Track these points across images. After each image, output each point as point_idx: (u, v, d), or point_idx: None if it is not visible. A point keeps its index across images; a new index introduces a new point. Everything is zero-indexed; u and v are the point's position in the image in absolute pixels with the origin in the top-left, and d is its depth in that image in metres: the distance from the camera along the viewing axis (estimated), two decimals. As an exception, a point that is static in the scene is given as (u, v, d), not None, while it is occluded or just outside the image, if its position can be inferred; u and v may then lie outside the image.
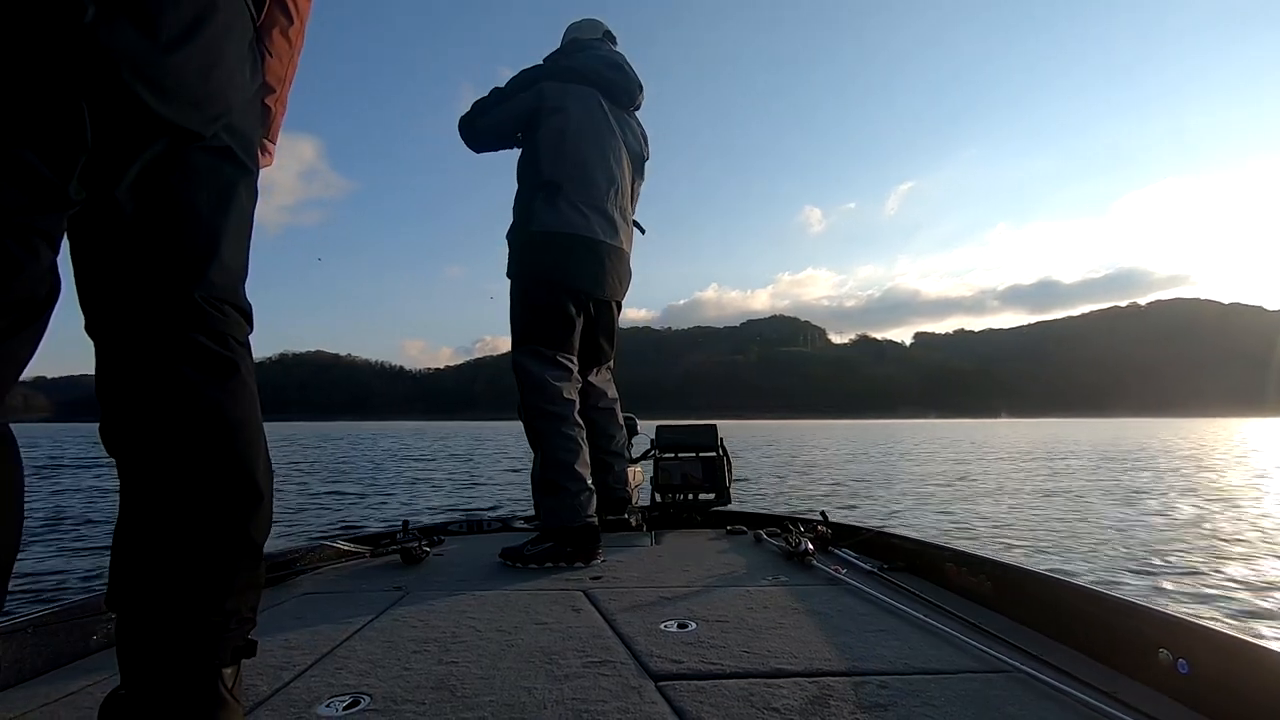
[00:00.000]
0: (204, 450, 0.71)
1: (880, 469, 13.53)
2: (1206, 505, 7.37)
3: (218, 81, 0.72)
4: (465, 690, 0.95)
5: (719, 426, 2.65)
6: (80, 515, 6.57)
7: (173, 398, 0.71)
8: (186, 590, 0.70)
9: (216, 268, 0.75)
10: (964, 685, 0.94)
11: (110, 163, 0.66)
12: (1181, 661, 0.90)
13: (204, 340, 0.73)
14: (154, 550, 0.70)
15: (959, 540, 4.51)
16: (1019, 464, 14.70)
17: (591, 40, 2.28)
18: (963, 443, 28.82)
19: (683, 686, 0.95)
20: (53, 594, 3.56)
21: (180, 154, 0.72)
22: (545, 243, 2.01)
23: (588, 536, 1.86)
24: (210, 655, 0.70)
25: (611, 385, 2.34)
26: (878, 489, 9.52)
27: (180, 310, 0.72)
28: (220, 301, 0.76)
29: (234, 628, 0.73)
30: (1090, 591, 1.13)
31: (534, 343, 2.00)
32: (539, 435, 1.96)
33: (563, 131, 2.05)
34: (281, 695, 0.94)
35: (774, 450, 22.46)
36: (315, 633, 1.23)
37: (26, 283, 0.58)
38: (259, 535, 0.76)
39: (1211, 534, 5.45)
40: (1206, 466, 13.74)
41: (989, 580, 1.39)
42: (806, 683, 0.95)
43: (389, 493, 9.36)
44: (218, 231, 0.76)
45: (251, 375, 0.78)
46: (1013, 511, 6.93)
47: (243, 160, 0.79)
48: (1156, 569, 4.14)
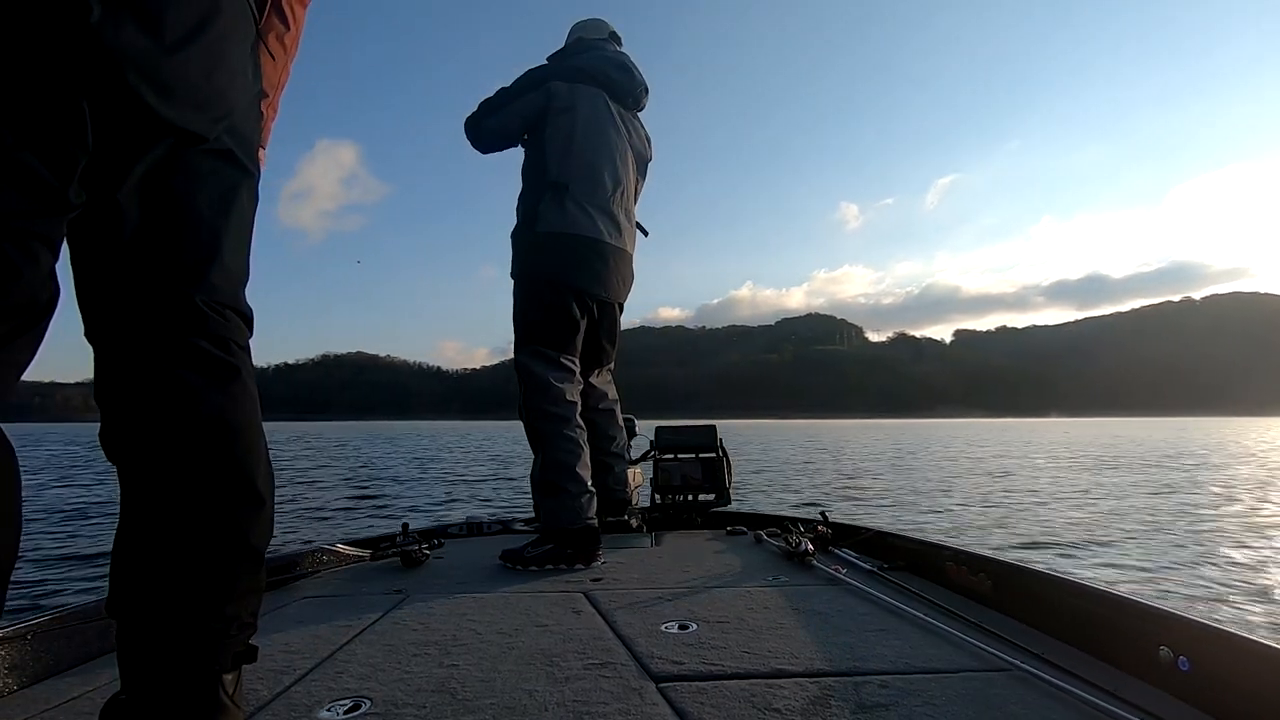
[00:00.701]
0: (205, 456, 0.71)
1: (936, 471, 12.70)
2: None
3: (220, 83, 0.72)
4: (466, 693, 0.94)
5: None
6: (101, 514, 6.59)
7: (174, 403, 0.70)
8: (187, 596, 0.69)
9: (218, 271, 0.75)
10: (965, 685, 0.94)
11: (112, 165, 0.66)
12: (1182, 659, 0.90)
13: (205, 345, 0.73)
14: (154, 556, 0.70)
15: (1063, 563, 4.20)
16: (1099, 470, 13.03)
17: (597, 40, 2.28)
18: (1016, 442, 27.79)
19: (683, 688, 0.95)
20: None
21: (183, 156, 0.72)
22: (552, 244, 2.01)
23: (588, 538, 1.85)
24: (211, 661, 0.70)
25: (612, 387, 2.34)
26: (940, 496, 8.65)
27: (181, 314, 0.72)
28: (221, 306, 0.76)
29: (235, 633, 0.73)
30: (1091, 590, 1.13)
31: (538, 344, 2.00)
32: (541, 436, 1.96)
33: (571, 132, 2.04)
34: (282, 699, 0.94)
35: (812, 450, 22.12)
36: (315, 636, 1.23)
37: (25, 289, 0.58)
38: (260, 541, 0.76)
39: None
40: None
41: (989, 579, 1.39)
42: (807, 683, 0.95)
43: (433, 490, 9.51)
44: (219, 235, 0.76)
45: (252, 379, 0.78)
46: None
47: (244, 163, 0.79)
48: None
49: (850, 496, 8.91)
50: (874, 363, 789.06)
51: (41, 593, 3.68)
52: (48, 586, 3.82)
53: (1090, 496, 8.54)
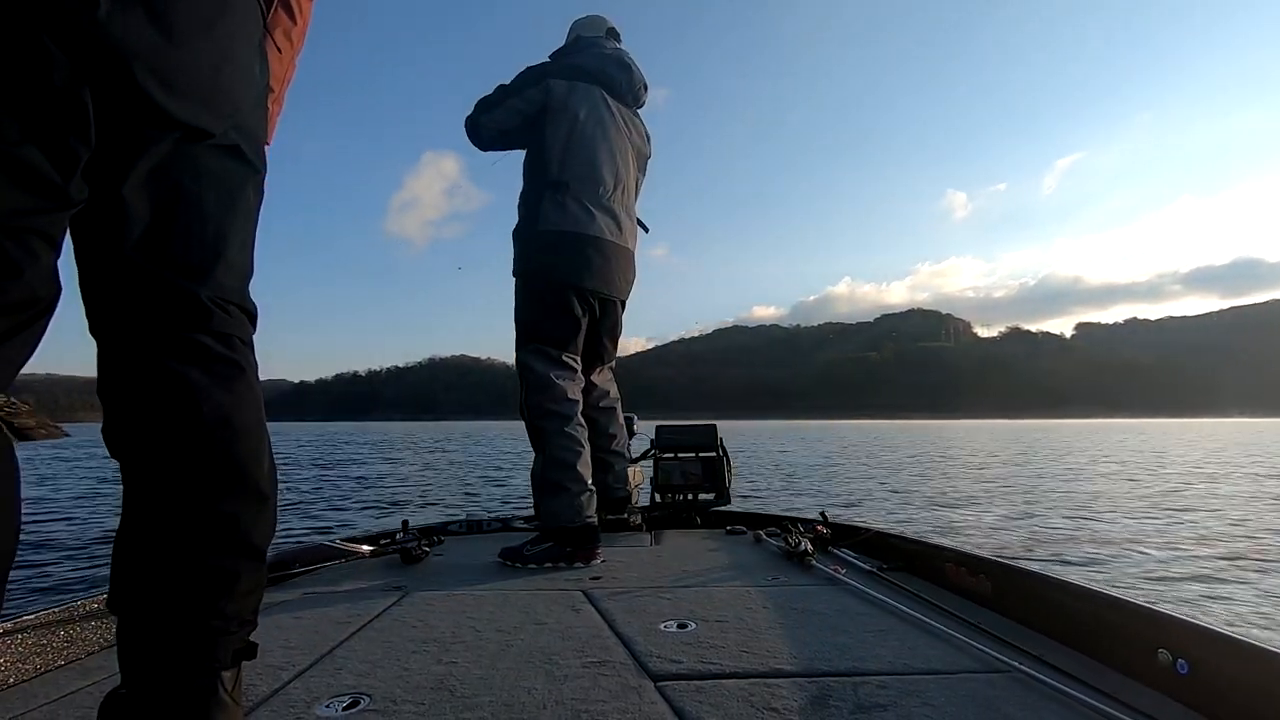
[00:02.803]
0: (208, 453, 0.71)
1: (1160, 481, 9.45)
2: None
3: (228, 79, 0.72)
4: (465, 690, 0.95)
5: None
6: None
7: (178, 400, 0.70)
8: (188, 593, 0.69)
9: (223, 268, 0.75)
10: (964, 685, 0.94)
11: (117, 160, 0.66)
12: (1181, 662, 0.90)
13: (209, 341, 0.73)
14: (156, 552, 0.70)
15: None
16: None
17: (595, 38, 2.28)
18: (1175, 446, 22.73)
19: (682, 687, 0.95)
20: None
21: (189, 152, 0.71)
22: (553, 242, 2.02)
23: (587, 536, 1.86)
24: (210, 657, 0.70)
25: (613, 385, 2.34)
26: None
27: (187, 311, 0.72)
28: (226, 302, 0.75)
29: (235, 630, 0.72)
30: (1090, 591, 1.13)
31: (540, 342, 2.01)
32: (542, 434, 1.96)
33: (571, 130, 2.05)
34: (281, 696, 0.94)
35: (937, 453, 19.32)
36: (314, 633, 1.23)
37: (25, 286, 0.58)
38: (262, 539, 0.76)
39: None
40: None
41: (989, 580, 1.39)
42: (806, 683, 0.95)
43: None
44: (225, 231, 0.75)
45: (256, 376, 0.78)
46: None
47: (251, 159, 0.78)
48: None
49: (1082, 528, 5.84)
50: (986, 360, 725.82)
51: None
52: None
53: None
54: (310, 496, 8.60)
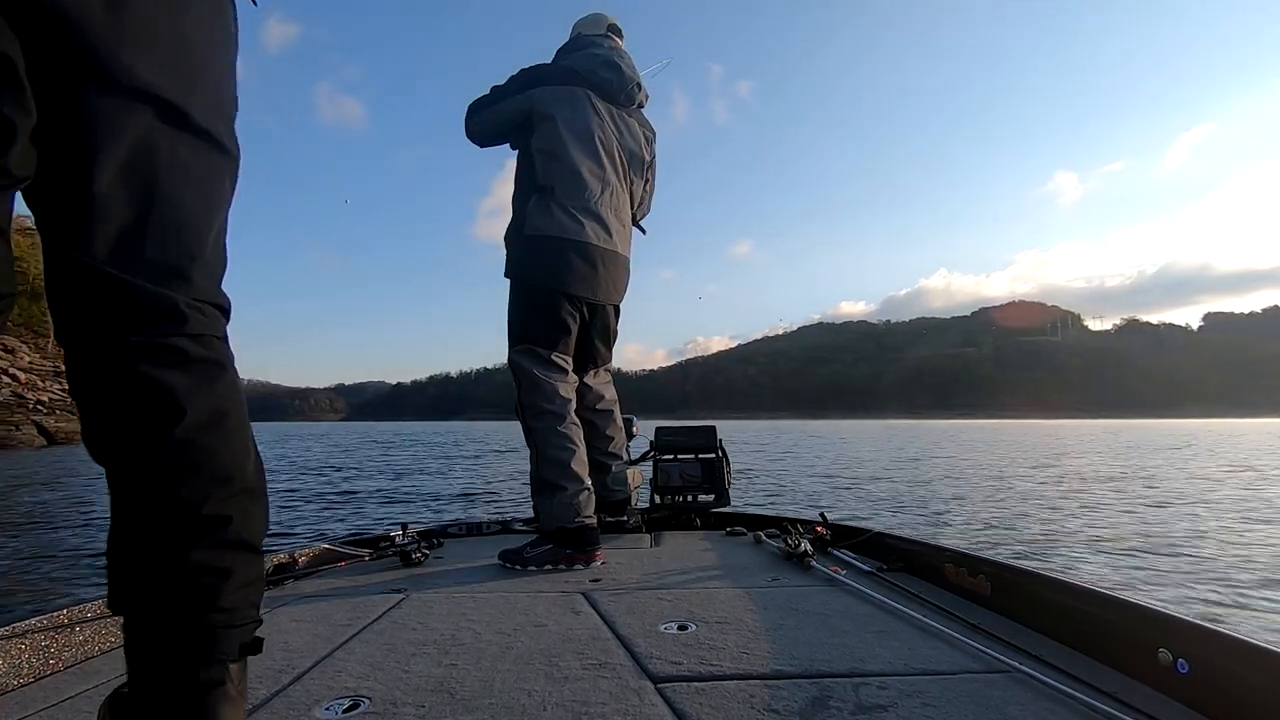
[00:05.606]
0: (197, 457, 0.70)
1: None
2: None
3: (202, 58, 0.69)
4: (465, 692, 0.95)
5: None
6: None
7: (160, 406, 0.69)
8: (186, 590, 0.69)
9: (200, 268, 0.73)
10: (964, 685, 0.94)
11: (85, 143, 0.62)
12: (1181, 661, 0.90)
13: (187, 345, 0.71)
14: (150, 553, 0.69)
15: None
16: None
17: (594, 36, 2.27)
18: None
19: (682, 688, 0.95)
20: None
21: (163, 139, 0.68)
22: (538, 246, 2.03)
23: (586, 538, 1.85)
24: (215, 650, 0.70)
25: (610, 387, 2.34)
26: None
27: (164, 318, 0.69)
28: (201, 302, 0.73)
29: (239, 623, 0.72)
30: (1090, 591, 1.13)
31: (529, 342, 2.02)
32: (535, 434, 1.96)
33: (553, 136, 2.05)
34: (281, 698, 0.94)
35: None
36: (315, 635, 1.23)
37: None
38: (256, 532, 0.75)
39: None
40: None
41: (988, 580, 1.39)
42: (806, 684, 0.95)
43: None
44: (203, 230, 0.73)
45: (234, 371, 0.76)
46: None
47: (228, 146, 0.76)
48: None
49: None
50: (1100, 354, 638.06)
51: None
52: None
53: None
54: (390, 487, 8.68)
